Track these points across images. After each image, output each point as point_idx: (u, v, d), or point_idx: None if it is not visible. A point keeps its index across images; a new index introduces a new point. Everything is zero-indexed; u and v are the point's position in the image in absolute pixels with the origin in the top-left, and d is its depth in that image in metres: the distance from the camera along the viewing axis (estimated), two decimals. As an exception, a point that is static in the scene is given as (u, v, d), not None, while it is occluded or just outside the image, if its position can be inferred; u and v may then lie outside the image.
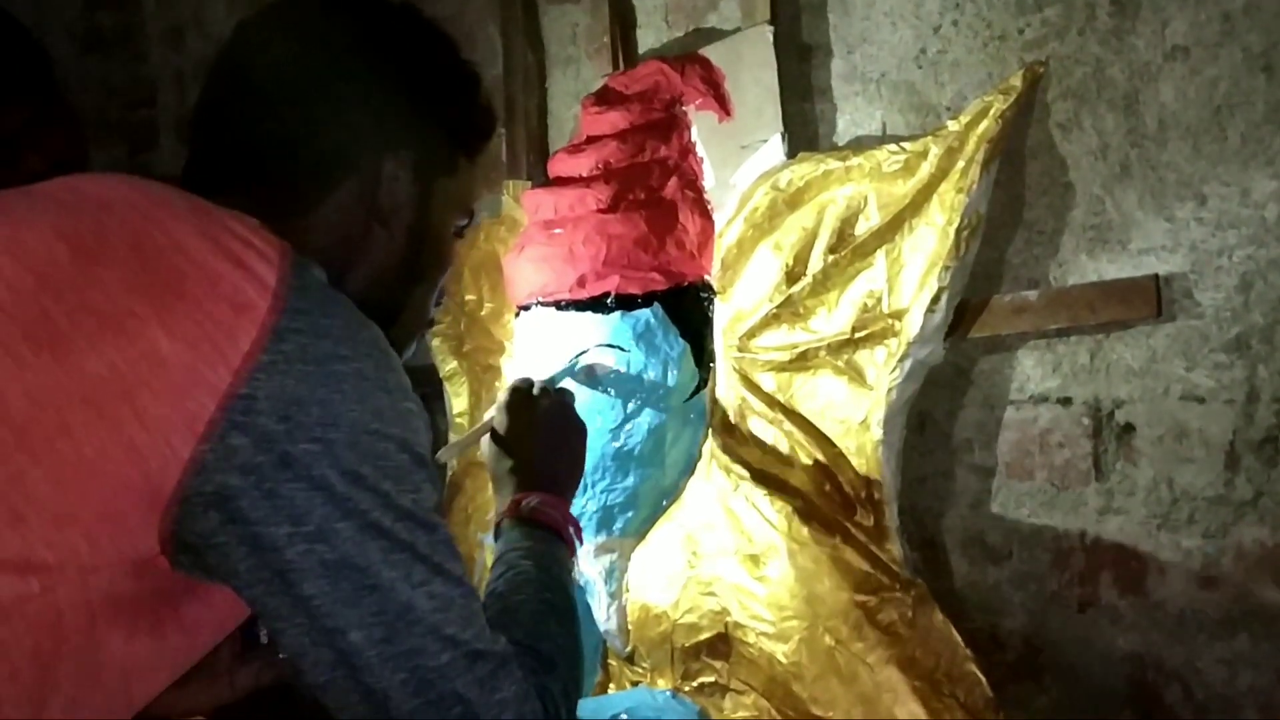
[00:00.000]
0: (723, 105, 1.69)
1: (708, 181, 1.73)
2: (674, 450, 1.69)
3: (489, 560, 1.89)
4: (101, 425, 0.74)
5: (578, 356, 1.69)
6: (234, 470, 0.76)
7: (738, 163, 1.68)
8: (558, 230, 1.72)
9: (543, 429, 1.32)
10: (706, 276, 1.71)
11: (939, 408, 1.53)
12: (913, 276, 1.48)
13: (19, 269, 0.77)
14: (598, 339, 1.69)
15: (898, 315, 1.48)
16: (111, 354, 0.75)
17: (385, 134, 0.98)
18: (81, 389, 0.74)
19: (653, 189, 1.72)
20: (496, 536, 1.22)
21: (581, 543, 1.24)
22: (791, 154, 1.62)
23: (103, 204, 0.84)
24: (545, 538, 1.17)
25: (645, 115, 1.75)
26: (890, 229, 1.50)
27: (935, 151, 1.44)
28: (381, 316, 0.95)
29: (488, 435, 1.35)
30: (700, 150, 1.74)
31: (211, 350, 0.77)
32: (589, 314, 1.71)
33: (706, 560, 1.64)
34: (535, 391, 1.37)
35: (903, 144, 1.47)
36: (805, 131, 1.64)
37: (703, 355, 1.70)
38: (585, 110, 1.80)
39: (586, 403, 1.67)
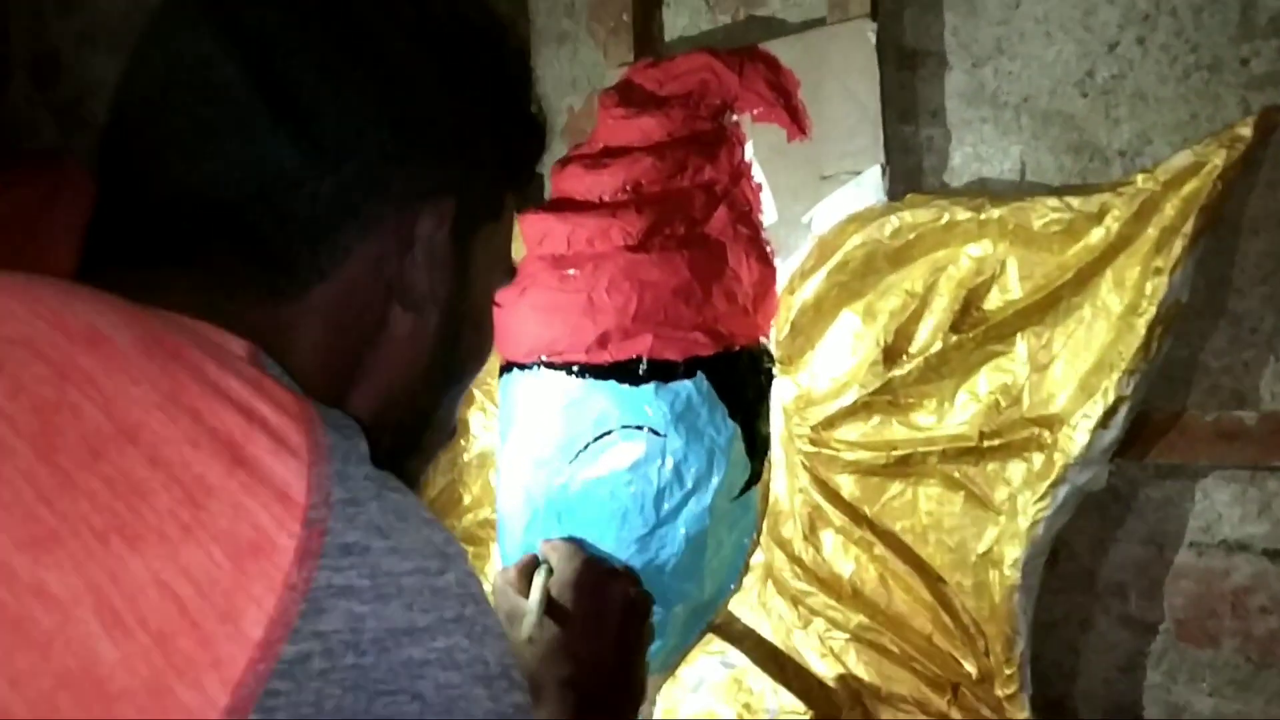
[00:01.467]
0: (795, 120, 1.30)
1: (766, 216, 1.34)
2: (715, 560, 1.31)
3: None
4: None
5: (595, 442, 1.29)
6: None
7: (814, 195, 1.29)
8: (572, 271, 1.31)
9: (621, 617, 0.94)
10: (763, 339, 1.33)
11: (1081, 537, 1.18)
12: (1071, 376, 1.12)
13: None
14: (622, 419, 1.29)
15: (1045, 424, 1.12)
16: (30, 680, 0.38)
17: (418, 169, 0.62)
18: None
19: (695, 222, 1.33)
20: None
21: None
22: (892, 194, 1.23)
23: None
24: None
25: (688, 124, 1.34)
26: (1039, 309, 1.13)
27: (1118, 214, 1.07)
28: (401, 441, 0.66)
29: (537, 602, 0.95)
30: (759, 175, 1.34)
31: (194, 647, 0.39)
32: (611, 384, 1.30)
33: (766, 715, 1.27)
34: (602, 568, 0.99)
35: (1068, 198, 1.10)
36: (905, 161, 1.26)
37: (755, 441, 1.32)
38: (605, 110, 1.38)
39: (606, 501, 1.28)
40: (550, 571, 1.00)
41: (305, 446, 0.45)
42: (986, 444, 1.16)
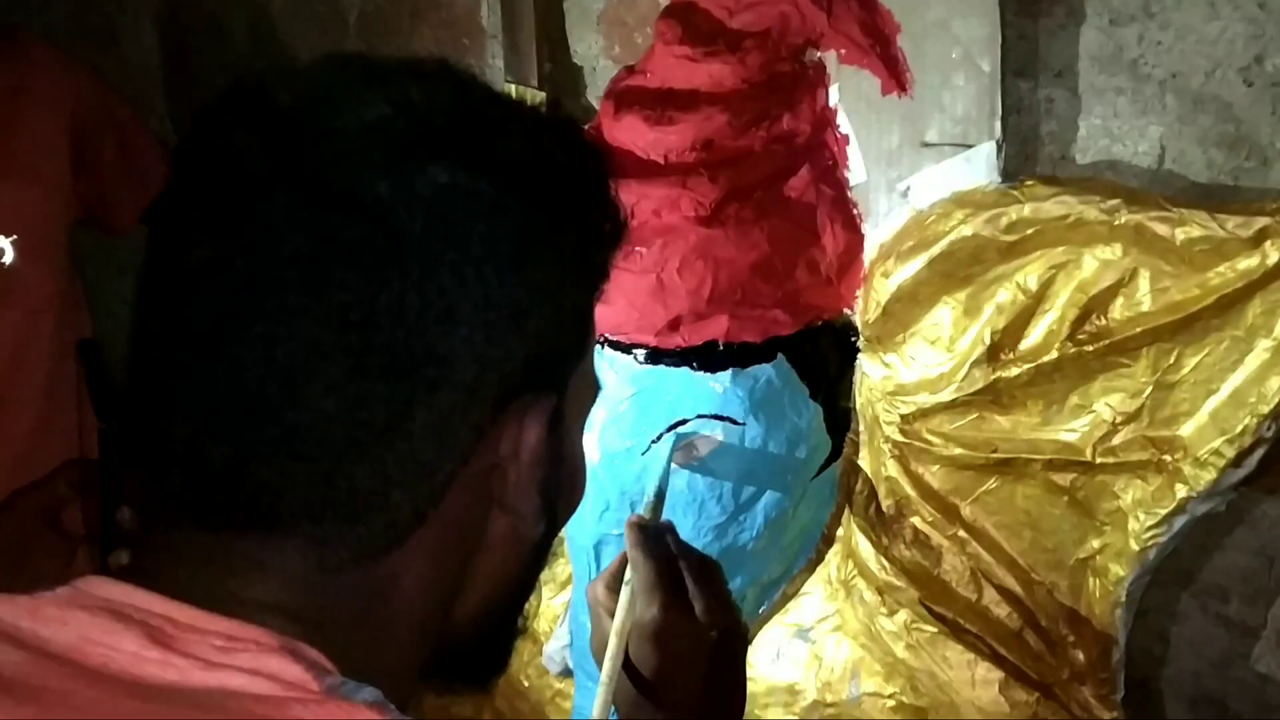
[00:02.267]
0: (893, 72, 1.12)
1: (854, 174, 1.19)
2: (793, 532, 1.27)
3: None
4: None
5: (671, 433, 1.20)
6: None
7: (913, 161, 1.14)
8: (639, 249, 1.17)
9: (711, 658, 0.87)
10: (847, 311, 1.22)
11: (1186, 539, 1.13)
12: (1199, 402, 1.03)
13: None
14: (697, 407, 1.20)
15: (1165, 446, 1.05)
16: None
17: (505, 377, 0.53)
18: None
19: (774, 184, 1.18)
20: None
21: None
22: (1008, 172, 1.09)
23: None
24: None
25: (765, 68, 1.16)
26: (1173, 329, 1.03)
27: (1275, 243, 0.95)
28: (503, 625, 0.62)
29: (617, 644, 0.88)
30: (844, 124, 1.18)
31: None
32: (685, 370, 1.20)
33: (848, 696, 1.27)
34: (697, 603, 0.90)
35: (1219, 216, 0.97)
36: (1018, 123, 1.10)
37: (836, 417, 1.24)
38: (664, 43, 1.19)
39: (682, 491, 1.21)
40: (631, 599, 0.91)
41: None
42: (1099, 460, 1.09)
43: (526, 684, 1.47)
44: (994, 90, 1.07)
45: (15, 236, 1.53)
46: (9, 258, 1.54)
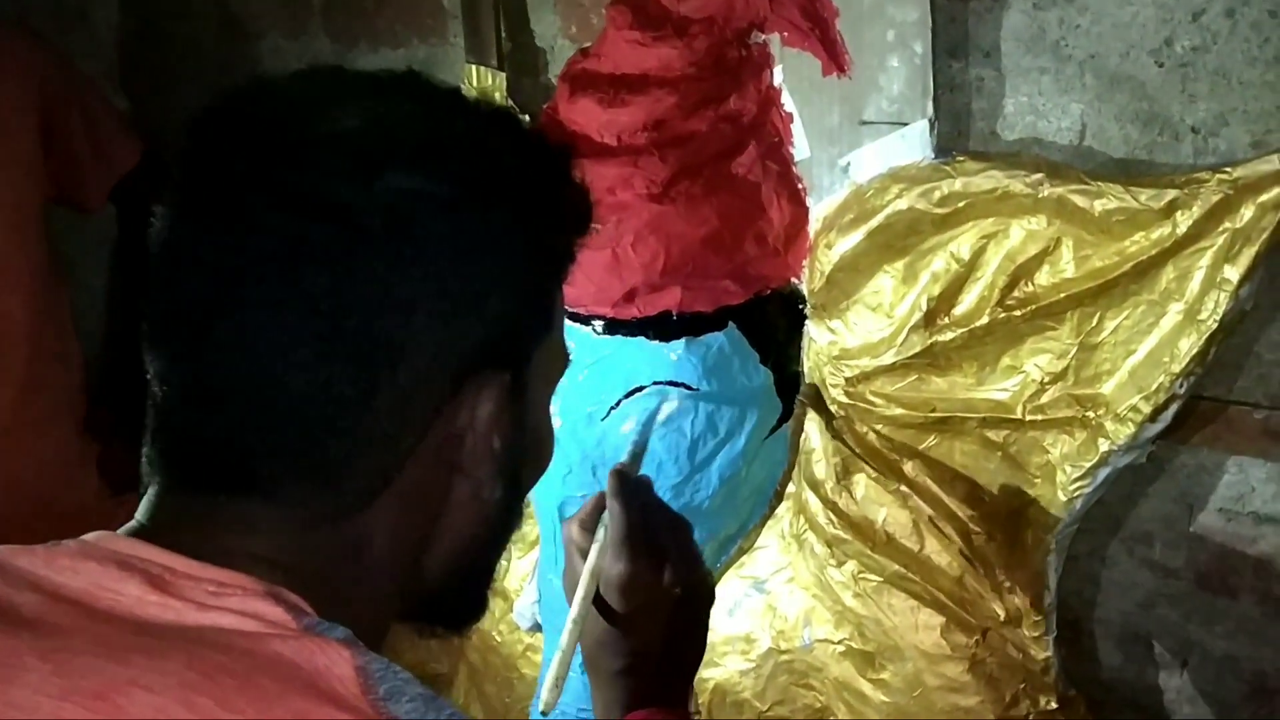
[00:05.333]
0: (832, 54, 1.18)
1: (798, 150, 1.25)
2: (746, 490, 1.34)
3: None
4: None
5: (626, 399, 1.27)
6: None
7: (852, 139, 1.20)
8: (594, 225, 1.23)
9: (675, 607, 0.93)
10: (794, 280, 1.28)
11: (1113, 490, 1.21)
12: (1119, 361, 1.11)
13: None
14: (652, 374, 1.27)
15: (1089, 403, 1.13)
16: None
17: (464, 355, 0.58)
18: None
19: (722, 161, 1.24)
20: None
21: None
22: (942, 148, 1.15)
23: None
24: None
25: (711, 52, 1.22)
26: (1094, 294, 1.10)
27: (1186, 213, 1.02)
28: (472, 577, 0.68)
29: (588, 583, 0.93)
30: (788, 103, 1.24)
31: None
32: (640, 340, 1.27)
33: (800, 643, 1.34)
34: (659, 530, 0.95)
35: (1132, 189, 1.04)
36: (951, 101, 1.17)
37: (787, 380, 1.31)
38: (615, 28, 1.25)
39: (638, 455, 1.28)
40: (601, 544, 0.95)
41: None
42: (1029, 417, 1.16)
43: (498, 639, 1.54)
44: (926, 71, 1.13)
45: None
46: None
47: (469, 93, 0.83)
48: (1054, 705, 1.23)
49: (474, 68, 1.46)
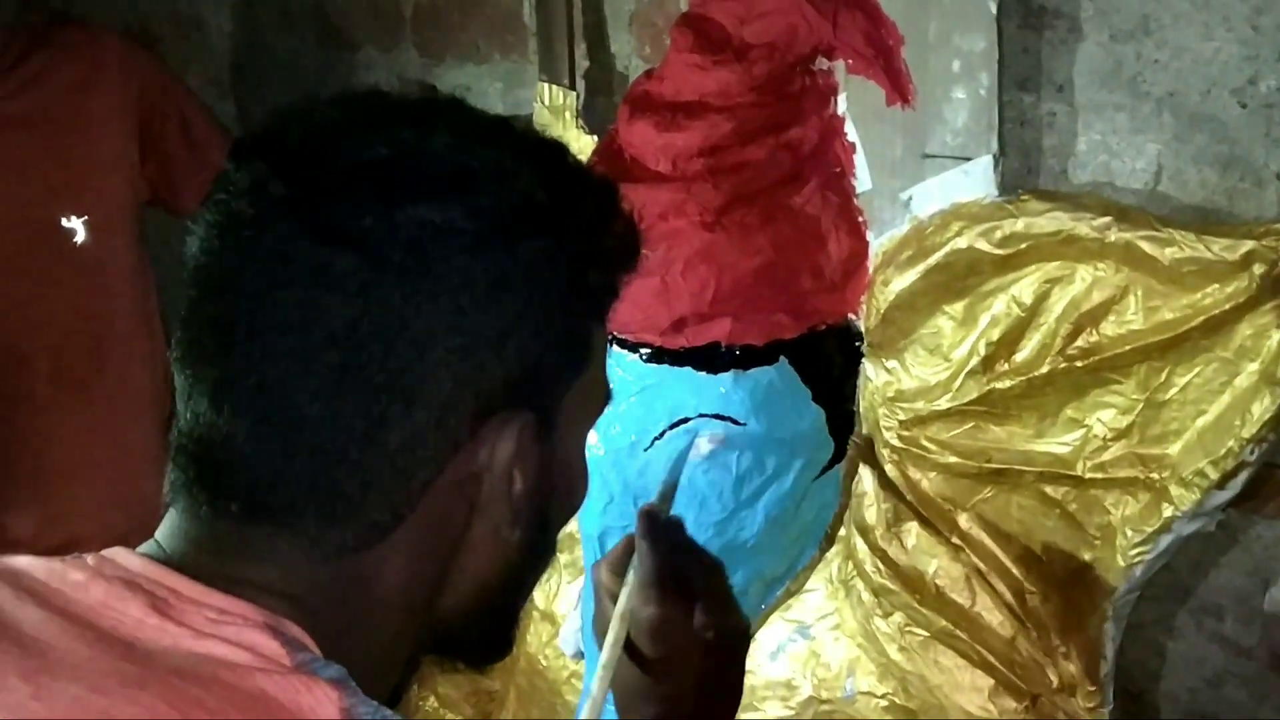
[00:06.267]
0: (896, 84, 1.13)
1: (859, 182, 1.20)
2: (795, 531, 1.29)
3: (536, 591, 1.54)
4: None
5: (671, 430, 1.24)
6: None
7: (915, 172, 1.15)
8: (644, 251, 1.20)
9: (706, 653, 0.89)
10: (851, 315, 1.24)
11: (1183, 556, 1.13)
12: (1188, 422, 1.03)
13: None
14: (699, 407, 1.23)
15: (1154, 464, 1.05)
16: None
17: (486, 394, 0.56)
18: None
19: (779, 191, 1.20)
20: None
21: None
22: (1004, 177, 1.09)
23: None
24: None
25: (772, 78, 1.18)
26: (1162, 348, 1.03)
27: (1263, 268, 0.95)
28: (495, 616, 0.66)
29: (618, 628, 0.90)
30: (851, 132, 1.19)
31: None
32: (688, 370, 1.23)
33: (842, 694, 1.29)
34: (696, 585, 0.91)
35: (1207, 239, 0.97)
36: (1021, 136, 1.11)
37: (840, 420, 1.26)
38: (678, 53, 1.22)
39: (684, 487, 1.24)
40: (631, 588, 0.92)
41: None
42: (1089, 475, 1.09)
43: (544, 663, 1.52)
44: (991, 104, 1.07)
45: (87, 217, 1.63)
46: (81, 237, 1.63)
47: (528, 121, 0.81)
48: (1108, 785, 1.16)
49: (546, 85, 1.45)
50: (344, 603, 0.56)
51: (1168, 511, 1.04)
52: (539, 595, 1.52)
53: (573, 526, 1.52)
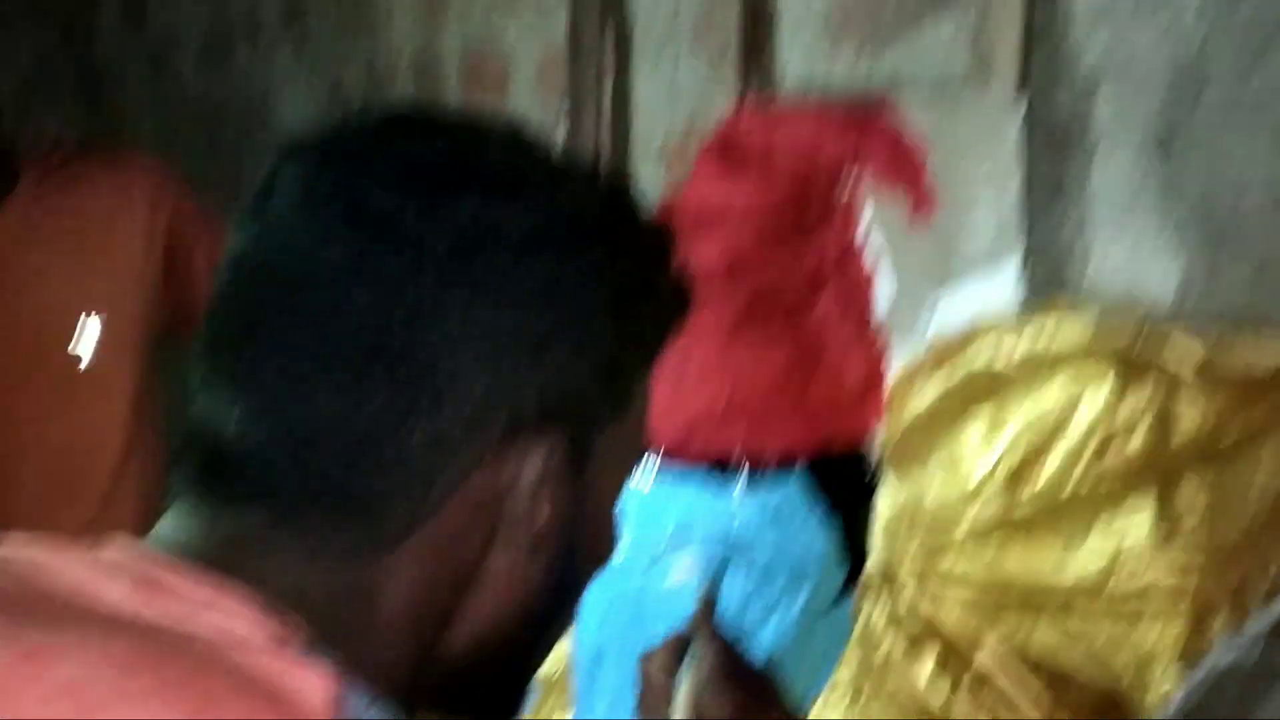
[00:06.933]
0: (920, 200, 1.13)
1: (883, 291, 1.18)
2: (801, 669, 1.21)
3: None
4: None
5: (671, 553, 1.18)
6: None
7: (941, 276, 1.14)
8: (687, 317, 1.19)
9: None
10: (867, 440, 1.20)
11: (1219, 702, 1.04)
12: (1210, 543, 0.97)
13: None
14: (704, 527, 1.19)
15: (1179, 596, 0.99)
16: None
17: (518, 405, 0.54)
18: None
19: (795, 308, 1.19)
20: None
21: None
22: (1030, 286, 1.08)
23: None
24: None
25: (795, 189, 1.19)
26: (1183, 464, 0.98)
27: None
28: (506, 664, 0.61)
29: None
30: (878, 242, 1.18)
31: None
32: (694, 484, 1.19)
33: None
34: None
35: (1235, 348, 0.94)
36: (1050, 250, 1.10)
37: (852, 549, 1.20)
38: (703, 164, 1.23)
39: (680, 614, 1.17)
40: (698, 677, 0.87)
41: None
42: (1119, 603, 1.02)
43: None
44: (1017, 209, 1.07)
45: (105, 315, 1.64)
46: (94, 342, 1.64)
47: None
48: None
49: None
50: (344, 617, 0.53)
51: (1202, 640, 0.97)
52: None
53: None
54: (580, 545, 0.59)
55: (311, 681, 0.47)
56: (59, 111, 1.86)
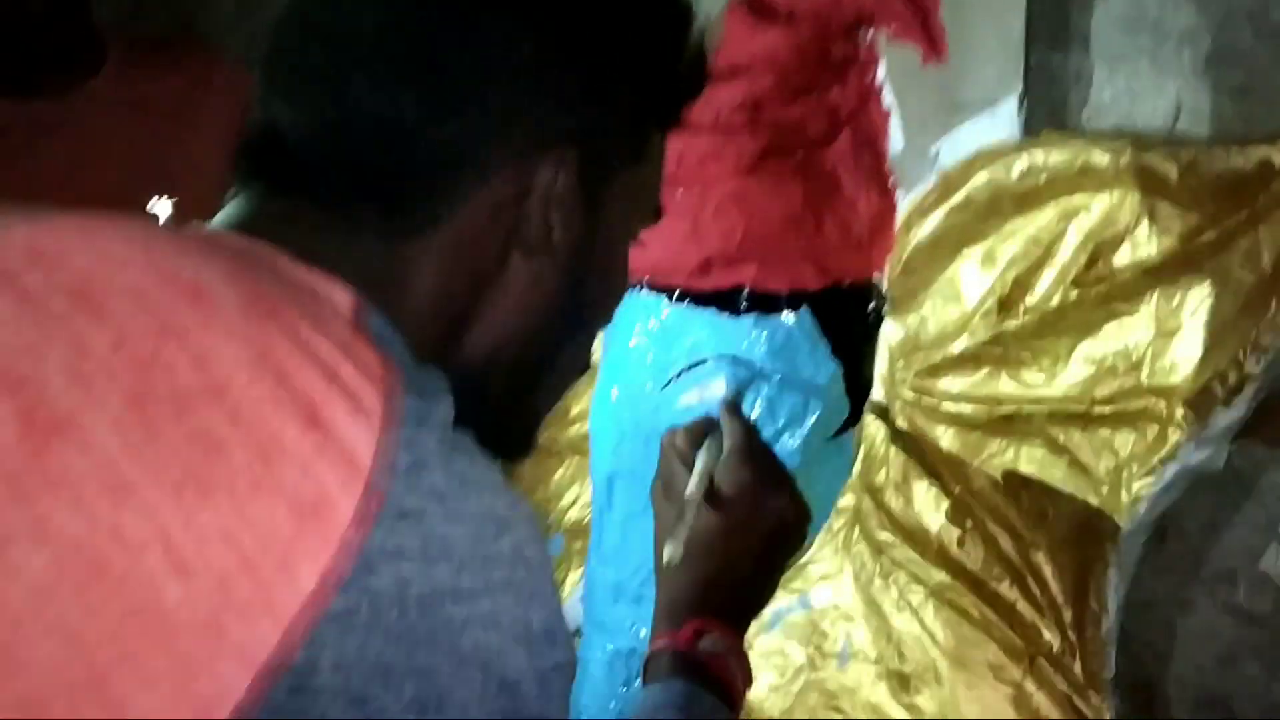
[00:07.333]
0: (931, 41, 1.20)
1: (893, 144, 1.25)
2: (806, 498, 1.27)
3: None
4: None
5: (688, 371, 1.26)
6: None
7: (944, 125, 1.20)
8: (680, 192, 1.26)
9: (773, 533, 0.87)
10: (876, 276, 1.26)
11: (1194, 517, 1.10)
12: (1193, 346, 1.03)
13: None
14: (717, 349, 1.25)
15: (1164, 394, 1.04)
16: (70, 611, 0.43)
17: (540, 120, 0.60)
18: (11, 684, 0.42)
19: (814, 148, 1.26)
20: (648, 665, 0.81)
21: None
22: (1030, 128, 1.14)
23: (90, 298, 0.48)
24: (718, 709, 0.77)
25: (817, 41, 1.26)
26: (1174, 269, 1.04)
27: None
28: (521, 378, 0.66)
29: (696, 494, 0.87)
30: (888, 98, 1.26)
31: (251, 592, 0.43)
32: (710, 312, 1.26)
33: (835, 662, 1.24)
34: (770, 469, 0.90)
35: (1216, 149, 1.00)
36: (1051, 94, 1.16)
37: (858, 381, 1.26)
38: (731, 17, 1.31)
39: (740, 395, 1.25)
40: (718, 454, 0.90)
41: (380, 411, 0.47)
42: (1098, 410, 1.08)
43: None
44: (1019, 49, 1.13)
45: (176, 198, 1.74)
46: (162, 217, 1.74)
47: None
48: (1107, 759, 1.08)
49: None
50: (383, 291, 0.58)
51: (1174, 437, 1.03)
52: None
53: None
54: (591, 274, 0.64)
55: (339, 291, 0.52)
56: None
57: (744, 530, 0.85)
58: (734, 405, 0.93)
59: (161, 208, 1.80)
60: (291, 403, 0.46)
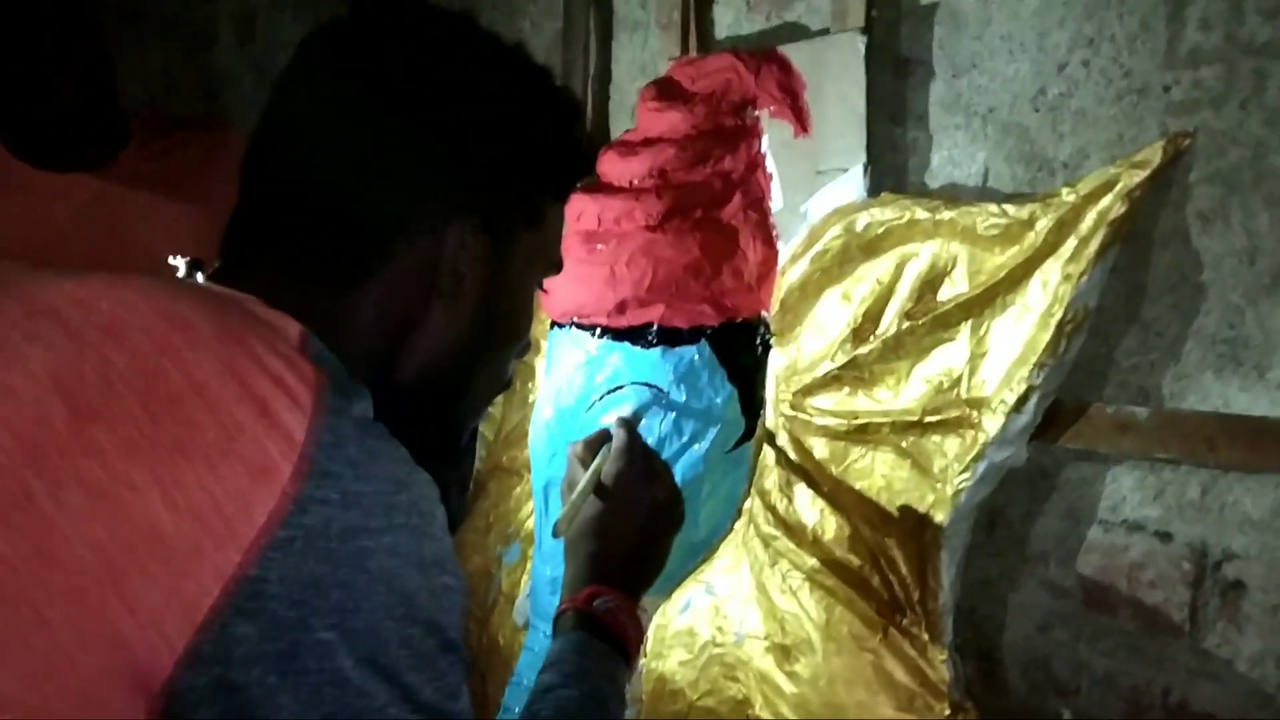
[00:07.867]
0: (799, 118, 1.45)
1: (775, 203, 1.50)
2: (710, 503, 1.51)
3: (504, 578, 1.76)
4: (83, 617, 0.61)
5: (608, 394, 1.50)
6: (235, 663, 0.63)
7: (811, 187, 1.45)
8: (600, 246, 1.51)
9: (650, 514, 1.12)
10: (764, 313, 1.50)
11: (1015, 508, 1.32)
12: (998, 365, 1.25)
13: (3, 433, 0.63)
14: (632, 376, 1.50)
15: (976, 405, 1.27)
16: (100, 533, 0.62)
17: (450, 194, 0.82)
18: (62, 578, 0.61)
19: (711, 207, 1.50)
20: (556, 625, 1.04)
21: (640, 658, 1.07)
22: (874, 188, 1.38)
23: (112, 330, 0.67)
24: (609, 656, 1.00)
25: (711, 119, 1.51)
26: (980, 302, 1.27)
27: (1044, 223, 1.20)
28: (443, 396, 0.86)
29: (585, 483, 1.13)
30: (770, 165, 1.50)
31: (221, 525, 0.63)
32: (626, 345, 1.51)
33: (733, 638, 1.47)
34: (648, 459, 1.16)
35: (1005, 205, 1.23)
36: (893, 159, 1.40)
37: (751, 402, 1.50)
38: (643, 104, 1.57)
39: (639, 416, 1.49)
40: (599, 459, 1.14)
41: (311, 405, 0.66)
42: (928, 419, 1.31)
43: (501, 641, 1.72)
44: (862, 126, 1.38)
45: (189, 259, 2.00)
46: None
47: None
48: (946, 713, 1.29)
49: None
50: (325, 328, 0.74)
51: (981, 439, 1.25)
52: (507, 583, 1.74)
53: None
54: (498, 315, 0.87)
55: (292, 325, 0.70)
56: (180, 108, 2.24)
57: (624, 513, 1.10)
58: (625, 420, 1.19)
59: (179, 263, 2.07)
60: (250, 400, 0.65)
